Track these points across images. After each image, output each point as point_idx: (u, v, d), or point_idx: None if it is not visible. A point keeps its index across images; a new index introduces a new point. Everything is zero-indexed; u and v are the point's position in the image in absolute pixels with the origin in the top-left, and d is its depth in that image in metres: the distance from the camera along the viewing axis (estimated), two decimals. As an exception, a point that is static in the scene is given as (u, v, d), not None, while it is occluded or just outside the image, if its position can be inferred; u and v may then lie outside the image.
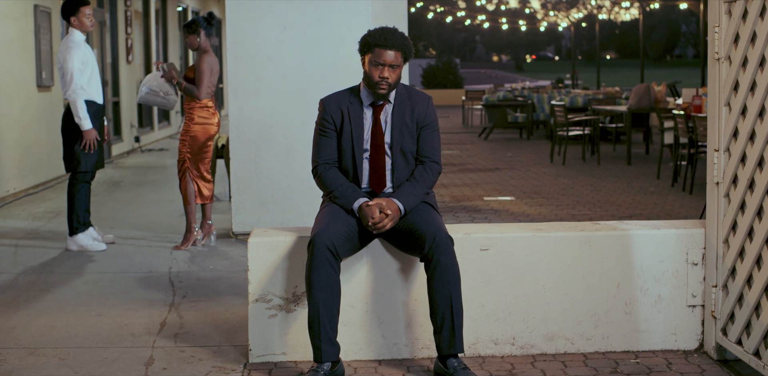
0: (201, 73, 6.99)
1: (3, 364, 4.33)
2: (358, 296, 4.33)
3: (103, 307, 5.36)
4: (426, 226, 4.08)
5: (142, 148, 15.59)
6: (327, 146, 4.30)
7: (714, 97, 4.29)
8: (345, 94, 4.34)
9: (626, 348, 4.46)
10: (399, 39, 4.18)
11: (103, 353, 4.48)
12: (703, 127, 9.04)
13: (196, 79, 7.02)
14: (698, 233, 4.45)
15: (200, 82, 7.00)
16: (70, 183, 7.02)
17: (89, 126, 6.83)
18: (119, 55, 14.89)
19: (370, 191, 4.30)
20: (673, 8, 64.35)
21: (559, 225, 4.66)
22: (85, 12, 6.90)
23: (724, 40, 4.20)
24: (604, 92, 22.43)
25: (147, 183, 11.17)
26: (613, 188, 10.45)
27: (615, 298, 4.43)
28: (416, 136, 4.30)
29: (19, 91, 10.32)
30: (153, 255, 6.79)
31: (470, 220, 8.26)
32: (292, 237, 4.32)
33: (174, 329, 4.89)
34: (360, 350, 4.36)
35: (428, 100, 4.36)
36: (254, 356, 4.34)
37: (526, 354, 4.41)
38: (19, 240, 7.46)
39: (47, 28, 11.22)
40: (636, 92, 13.13)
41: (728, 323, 4.27)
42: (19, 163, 10.15)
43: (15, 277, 6.17)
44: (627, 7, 41.25)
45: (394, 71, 4.20)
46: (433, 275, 4.04)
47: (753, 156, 3.98)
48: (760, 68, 3.92)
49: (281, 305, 4.32)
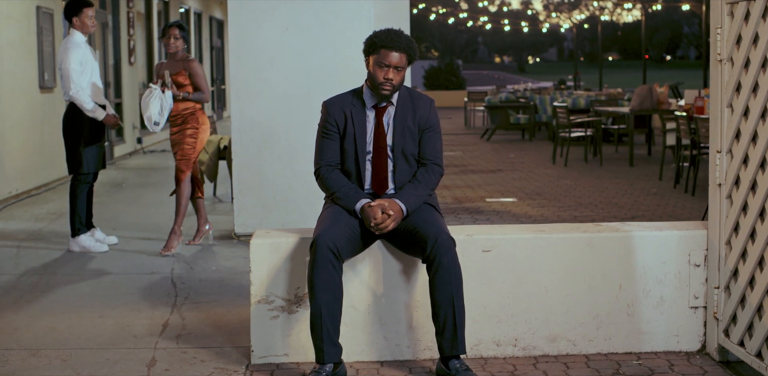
0: (201, 77, 6.98)
1: (5, 365, 4.33)
2: (361, 297, 4.33)
3: (105, 308, 5.36)
4: (428, 227, 4.08)
5: (145, 150, 15.61)
6: (329, 148, 4.30)
7: (716, 98, 4.29)
8: (348, 96, 4.34)
9: (628, 350, 4.46)
10: (405, 41, 4.19)
11: (105, 355, 4.48)
12: (706, 129, 9.04)
13: (199, 84, 6.98)
14: (700, 235, 4.44)
15: (206, 87, 7.02)
16: (73, 184, 7.03)
17: (103, 114, 6.92)
18: (121, 56, 14.90)
19: (372, 193, 4.30)
20: (676, 9, 64.31)
21: (561, 226, 4.66)
22: (87, 13, 6.92)
23: (727, 41, 4.20)
24: (607, 94, 22.46)
25: (149, 184, 11.18)
26: (615, 189, 10.45)
27: (617, 299, 4.43)
28: (418, 139, 4.31)
29: (22, 92, 10.33)
30: (155, 256, 6.79)
31: (472, 221, 8.26)
32: (295, 238, 4.32)
33: (176, 330, 4.89)
34: (362, 352, 4.36)
35: (430, 102, 4.36)
36: (256, 357, 4.34)
37: (528, 355, 4.41)
38: (21, 241, 7.47)
39: (49, 30, 11.23)
40: (638, 94, 13.13)
41: (730, 324, 4.26)
42: (21, 165, 10.16)
43: (17, 278, 6.18)
44: (629, 9, 41.35)
45: (398, 73, 4.20)
46: (435, 277, 4.05)
47: (755, 157, 3.98)
48: (762, 69, 3.92)
49: (283, 306, 4.32)
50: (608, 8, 43.46)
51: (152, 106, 6.74)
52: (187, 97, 6.92)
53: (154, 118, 6.73)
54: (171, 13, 18.95)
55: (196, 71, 6.94)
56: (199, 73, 6.95)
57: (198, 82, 6.96)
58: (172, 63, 6.98)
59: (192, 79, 6.95)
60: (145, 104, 6.76)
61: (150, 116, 6.74)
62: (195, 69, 6.94)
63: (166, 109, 6.79)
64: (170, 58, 7.05)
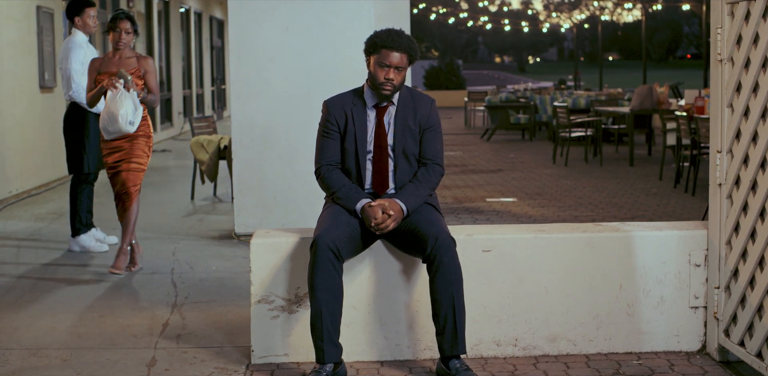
0: (156, 77, 6.34)
1: (5, 365, 4.33)
2: (361, 297, 4.33)
3: (105, 308, 5.36)
4: (428, 227, 4.08)
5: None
6: (330, 148, 4.30)
7: (716, 98, 4.29)
8: (348, 95, 4.34)
9: (628, 349, 4.45)
10: (406, 41, 4.19)
11: (106, 354, 4.48)
12: (706, 129, 9.04)
13: (152, 86, 6.29)
14: (701, 235, 4.44)
15: (158, 89, 6.36)
16: (73, 184, 7.03)
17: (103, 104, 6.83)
18: (122, 56, 14.88)
19: (372, 193, 4.30)
20: (676, 9, 64.32)
21: (561, 226, 4.66)
22: (89, 13, 6.93)
23: (727, 41, 4.20)
24: (607, 93, 22.46)
25: (149, 184, 11.17)
26: (615, 189, 10.45)
27: (617, 299, 4.43)
28: (419, 139, 4.31)
29: (22, 92, 10.33)
30: (155, 256, 6.79)
31: (472, 221, 8.26)
32: (295, 238, 4.32)
33: (176, 330, 4.90)
34: (362, 352, 4.36)
35: (431, 102, 4.36)
36: (256, 357, 4.34)
37: (528, 355, 4.41)
38: (21, 241, 7.47)
39: (50, 30, 11.23)
40: (638, 93, 13.13)
41: (731, 324, 4.26)
42: (21, 164, 10.16)
43: (17, 278, 6.18)
44: (629, 9, 41.39)
45: (399, 73, 4.20)
46: (436, 276, 4.05)
47: (755, 157, 3.98)
48: (762, 69, 3.92)
49: (283, 306, 4.32)
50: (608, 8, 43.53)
51: (125, 103, 6.02)
52: (144, 100, 6.18)
53: (129, 116, 6.02)
54: (171, 13, 18.96)
55: (152, 69, 6.27)
56: (154, 73, 6.30)
57: (152, 82, 6.28)
58: (120, 60, 6.22)
59: (145, 79, 6.25)
60: (116, 103, 6.00)
61: (125, 114, 6.01)
62: (151, 67, 6.27)
63: (140, 108, 6.11)
64: (116, 55, 6.26)
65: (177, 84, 19.50)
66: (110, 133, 6.13)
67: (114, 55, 6.25)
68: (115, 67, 6.17)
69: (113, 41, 6.20)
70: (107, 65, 6.21)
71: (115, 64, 6.19)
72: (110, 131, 6.11)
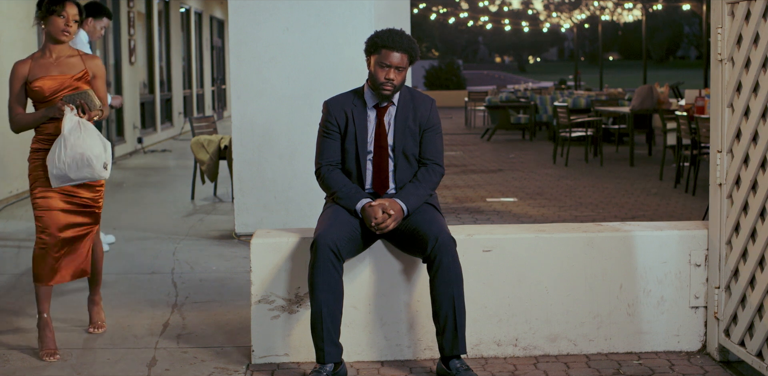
0: (105, 81, 4.72)
1: (6, 364, 4.33)
2: (361, 297, 4.33)
3: (105, 308, 5.35)
4: (429, 227, 4.08)
5: (145, 150, 15.61)
6: (330, 148, 4.30)
7: (717, 98, 4.29)
8: (349, 96, 4.34)
9: (629, 349, 4.46)
10: (406, 41, 4.19)
11: (106, 354, 4.48)
12: (706, 129, 9.04)
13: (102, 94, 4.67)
14: (701, 235, 4.44)
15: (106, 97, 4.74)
16: (73, 184, 6.96)
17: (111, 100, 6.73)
18: (122, 56, 14.90)
19: (372, 193, 4.30)
20: (676, 9, 64.31)
21: (561, 226, 4.65)
22: (104, 22, 6.87)
23: (727, 41, 4.20)
24: (607, 93, 22.43)
25: (150, 184, 11.18)
26: (615, 189, 10.45)
27: (618, 299, 4.43)
28: (419, 139, 4.31)
29: (22, 92, 10.32)
30: (155, 256, 6.79)
31: (473, 221, 8.26)
32: (295, 238, 4.32)
33: (177, 330, 4.90)
34: (362, 351, 4.36)
35: (431, 102, 4.36)
36: (257, 357, 4.34)
37: (528, 355, 4.41)
38: (21, 241, 7.47)
39: (50, 30, 11.22)
40: (639, 93, 13.12)
41: (731, 324, 4.26)
42: (22, 164, 10.14)
43: (18, 278, 6.18)
44: (630, 9, 41.34)
45: (399, 73, 4.20)
46: (436, 276, 4.05)
47: (756, 157, 3.98)
48: (762, 69, 3.92)
49: (284, 306, 4.32)
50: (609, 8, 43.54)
51: (92, 142, 4.40)
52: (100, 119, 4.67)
53: (102, 158, 4.43)
54: (171, 13, 18.96)
55: (102, 73, 4.66)
56: (104, 77, 4.69)
57: (103, 90, 4.66)
58: (59, 61, 4.55)
59: (94, 85, 4.62)
60: (80, 143, 4.36)
61: (100, 155, 4.42)
62: (102, 70, 4.67)
63: (108, 143, 4.49)
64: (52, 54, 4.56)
65: (177, 84, 19.51)
66: (68, 181, 4.44)
67: (49, 55, 4.54)
68: (54, 69, 4.51)
69: (54, 31, 4.48)
70: (42, 69, 4.51)
71: (53, 66, 4.52)
72: (71, 178, 4.43)
